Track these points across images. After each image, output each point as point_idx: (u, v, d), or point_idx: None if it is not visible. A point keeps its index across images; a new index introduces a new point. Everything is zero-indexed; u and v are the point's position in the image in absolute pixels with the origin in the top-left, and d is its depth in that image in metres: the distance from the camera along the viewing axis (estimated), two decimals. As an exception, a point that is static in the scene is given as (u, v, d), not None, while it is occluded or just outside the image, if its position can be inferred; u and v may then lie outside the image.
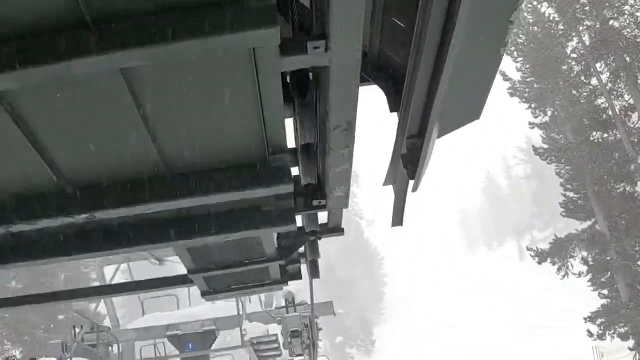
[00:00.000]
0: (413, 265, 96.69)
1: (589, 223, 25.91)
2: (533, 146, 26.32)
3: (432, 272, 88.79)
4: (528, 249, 28.45)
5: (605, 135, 24.83)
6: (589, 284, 25.90)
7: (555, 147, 25.18)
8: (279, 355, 12.75)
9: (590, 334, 24.82)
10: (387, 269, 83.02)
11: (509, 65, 26.36)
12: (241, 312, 11.63)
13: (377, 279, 78.98)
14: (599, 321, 24.22)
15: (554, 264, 26.08)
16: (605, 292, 24.78)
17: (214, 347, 14.75)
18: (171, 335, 13.75)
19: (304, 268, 5.81)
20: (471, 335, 55.88)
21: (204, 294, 5.90)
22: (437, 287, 79.53)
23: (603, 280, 24.55)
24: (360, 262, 72.87)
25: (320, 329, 14.89)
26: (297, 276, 5.95)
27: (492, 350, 51.60)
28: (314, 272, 5.71)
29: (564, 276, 26.22)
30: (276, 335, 11.73)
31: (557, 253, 25.96)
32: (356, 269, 70.15)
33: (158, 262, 15.28)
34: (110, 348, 13.74)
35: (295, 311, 12.73)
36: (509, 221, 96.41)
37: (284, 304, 13.29)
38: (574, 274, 25.81)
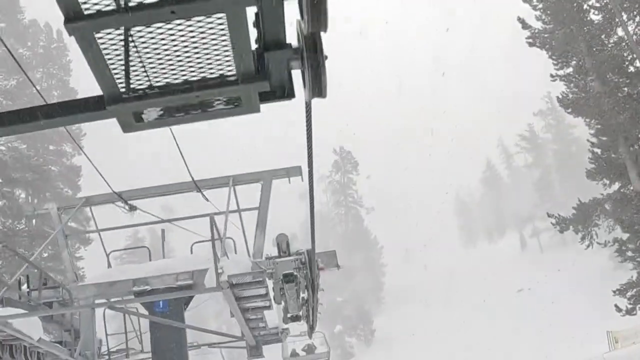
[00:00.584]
0: (413, 256, 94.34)
1: (614, 186, 23.43)
2: (557, 97, 23.74)
3: (432, 264, 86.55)
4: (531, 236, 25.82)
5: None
6: (616, 254, 23.46)
7: (582, 97, 22.53)
8: (268, 307, 10.18)
9: (619, 309, 22.39)
10: (387, 259, 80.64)
11: (527, 12, 23.83)
12: (219, 253, 9.04)
13: (376, 269, 76.57)
14: (629, 294, 21.75)
15: (576, 231, 23.62)
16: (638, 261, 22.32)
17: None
18: (139, 291, 11.14)
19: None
20: (473, 327, 53.73)
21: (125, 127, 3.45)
22: (437, 279, 77.27)
23: (633, 246, 22.03)
24: (359, 251, 70.48)
25: (322, 289, 12.39)
26: (285, 92, 3.42)
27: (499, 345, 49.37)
28: (316, 85, 3.13)
29: (588, 245, 23.76)
30: (262, 271, 9.14)
31: (580, 220, 23.49)
32: (355, 257, 67.70)
33: (127, 209, 12.76)
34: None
35: (290, 259, 10.24)
36: (509, 212, 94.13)
37: (275, 252, 10.73)
38: (599, 244, 23.34)
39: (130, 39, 2.97)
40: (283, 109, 6.72)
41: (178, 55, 3.09)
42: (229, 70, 3.23)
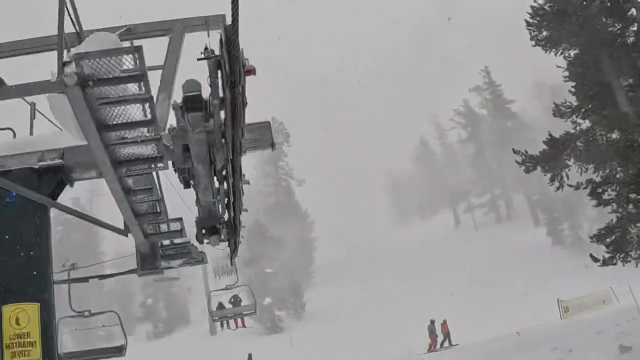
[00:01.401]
0: (344, 232, 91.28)
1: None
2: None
3: (363, 241, 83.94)
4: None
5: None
6: (588, 199, 20.49)
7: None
8: (163, 166, 6.10)
9: (595, 259, 19.43)
10: (317, 233, 77.46)
11: None
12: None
13: (307, 242, 73.19)
14: (608, 239, 18.78)
15: (545, 170, 20.55)
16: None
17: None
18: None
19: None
20: (404, 301, 50.94)
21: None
22: (367, 256, 74.62)
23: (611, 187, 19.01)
24: (290, 223, 66.77)
25: (247, 182, 8.53)
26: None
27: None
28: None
29: (558, 188, 20.69)
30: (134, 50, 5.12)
31: (549, 158, 20.42)
32: (286, 230, 64.03)
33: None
34: None
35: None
36: (443, 189, 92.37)
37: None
38: (571, 186, 20.31)
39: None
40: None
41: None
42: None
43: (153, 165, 5.81)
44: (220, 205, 7.55)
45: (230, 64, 4.73)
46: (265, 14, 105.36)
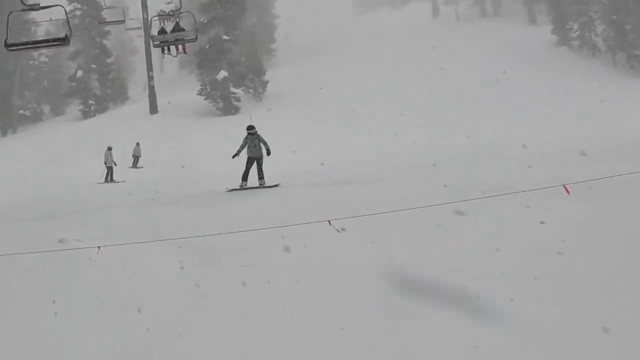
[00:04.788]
0: (305, 18, 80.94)
1: None
2: None
3: (325, 27, 74.50)
4: None
5: None
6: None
7: None
8: None
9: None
10: (279, 11, 67.64)
11: None
12: None
13: (268, 19, 63.58)
14: None
15: None
16: None
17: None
18: None
19: None
20: (376, 79, 43.23)
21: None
22: (330, 39, 65.57)
23: None
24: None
25: None
26: None
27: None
28: None
29: None
30: None
31: None
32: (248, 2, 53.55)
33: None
34: None
35: None
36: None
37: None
38: None
39: None
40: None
41: None
42: None
43: None
44: None
45: None
46: None
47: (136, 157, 34.02)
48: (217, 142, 32.80)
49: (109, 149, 28.68)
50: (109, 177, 27.92)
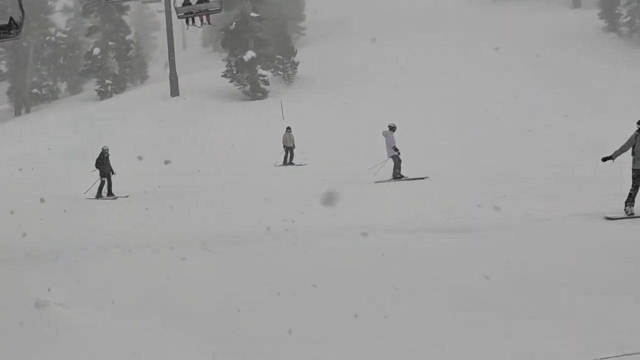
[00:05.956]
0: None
1: None
2: None
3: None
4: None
5: None
6: None
7: None
8: None
9: None
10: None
11: None
12: None
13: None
14: None
15: None
16: None
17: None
18: None
19: None
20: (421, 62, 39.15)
21: None
22: (365, 15, 61.36)
23: None
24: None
25: None
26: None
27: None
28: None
29: None
30: None
31: None
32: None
33: None
34: None
35: None
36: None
37: None
38: None
39: None
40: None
41: None
42: None
43: None
44: None
45: None
46: None
47: (289, 149, 26.64)
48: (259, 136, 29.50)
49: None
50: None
